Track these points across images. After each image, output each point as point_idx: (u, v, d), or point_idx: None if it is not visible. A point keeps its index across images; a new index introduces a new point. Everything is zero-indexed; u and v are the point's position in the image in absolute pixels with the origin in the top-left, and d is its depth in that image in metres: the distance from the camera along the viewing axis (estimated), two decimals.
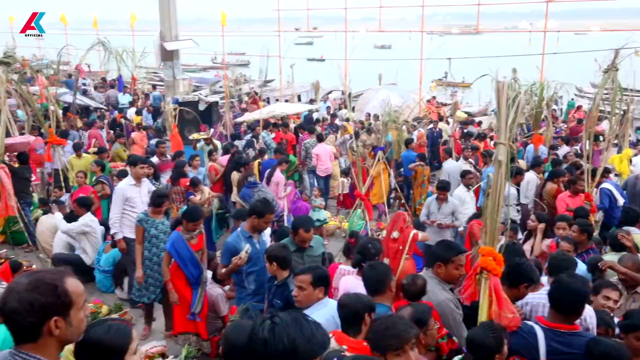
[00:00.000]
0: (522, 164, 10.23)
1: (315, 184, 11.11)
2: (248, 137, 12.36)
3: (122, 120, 15.48)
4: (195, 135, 11.29)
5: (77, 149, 10.10)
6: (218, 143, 11.29)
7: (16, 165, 8.35)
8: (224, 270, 4.78)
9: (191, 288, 5.25)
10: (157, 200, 5.74)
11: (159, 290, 5.78)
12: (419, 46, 20.63)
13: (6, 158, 8.08)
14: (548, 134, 11.53)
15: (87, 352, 2.03)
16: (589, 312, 3.49)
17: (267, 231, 5.80)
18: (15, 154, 8.56)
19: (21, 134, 9.57)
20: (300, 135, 12.36)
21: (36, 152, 9.99)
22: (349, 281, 4.26)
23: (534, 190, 8.19)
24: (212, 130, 14.36)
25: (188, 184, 8.30)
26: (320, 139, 11.21)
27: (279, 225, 7.73)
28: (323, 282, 3.46)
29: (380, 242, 5.23)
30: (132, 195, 6.31)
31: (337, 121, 15.55)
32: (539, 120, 11.53)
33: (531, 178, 8.29)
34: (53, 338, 1.83)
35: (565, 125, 16.10)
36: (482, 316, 3.02)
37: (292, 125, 14.19)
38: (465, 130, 13.84)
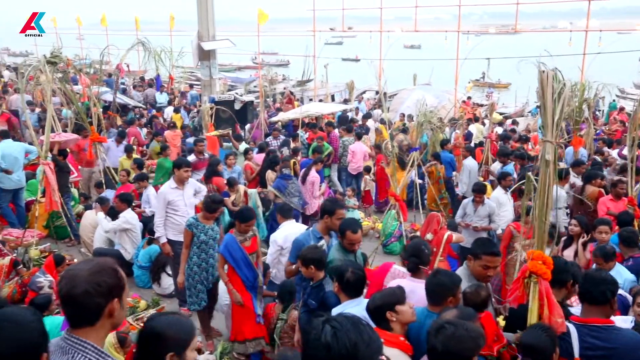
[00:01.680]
0: (560, 166, 9.98)
1: (345, 183, 11.17)
2: (269, 138, 12.36)
3: (160, 119, 15.84)
4: (213, 133, 11.34)
5: (128, 150, 10.31)
6: (244, 145, 11.36)
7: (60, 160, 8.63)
8: (293, 267, 4.56)
9: (249, 293, 5.12)
10: (212, 206, 5.55)
11: (207, 295, 5.68)
12: (453, 46, 20.32)
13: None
14: (589, 137, 11.20)
15: (151, 342, 2.03)
16: (622, 320, 3.41)
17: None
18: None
19: (64, 131, 9.87)
20: (330, 133, 12.38)
21: (84, 152, 10.28)
22: (403, 284, 4.17)
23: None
24: (247, 127, 14.54)
25: (225, 182, 8.38)
26: (359, 137, 11.45)
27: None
28: (335, 277, 3.68)
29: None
30: (175, 199, 6.17)
31: (369, 122, 15.49)
32: (579, 122, 11.20)
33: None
34: (108, 321, 1.91)
35: (605, 128, 15.59)
36: (532, 320, 2.98)
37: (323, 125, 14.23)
38: (516, 133, 13.58)
